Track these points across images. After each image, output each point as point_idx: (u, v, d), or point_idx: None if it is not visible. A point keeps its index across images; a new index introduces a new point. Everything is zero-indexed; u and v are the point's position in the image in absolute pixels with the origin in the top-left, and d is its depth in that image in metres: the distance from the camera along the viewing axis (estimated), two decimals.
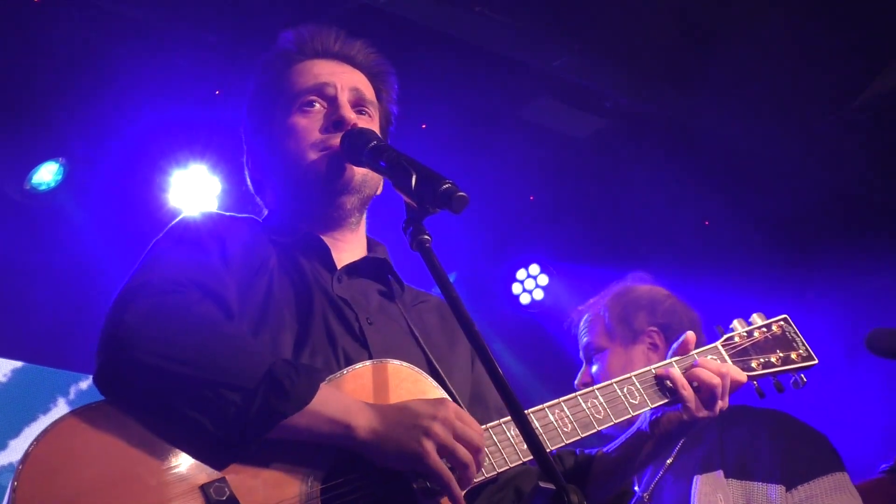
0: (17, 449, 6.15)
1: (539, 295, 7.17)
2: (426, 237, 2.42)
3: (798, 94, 6.00)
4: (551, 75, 5.87)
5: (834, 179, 6.78)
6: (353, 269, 2.84)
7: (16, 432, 6.26)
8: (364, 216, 2.95)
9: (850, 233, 6.87)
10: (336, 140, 2.80)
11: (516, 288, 7.20)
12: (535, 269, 7.18)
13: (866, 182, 6.76)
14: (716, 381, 2.89)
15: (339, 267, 2.81)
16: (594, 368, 3.99)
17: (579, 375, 4.04)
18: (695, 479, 3.72)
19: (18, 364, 6.40)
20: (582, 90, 6.06)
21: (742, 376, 3.00)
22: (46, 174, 5.47)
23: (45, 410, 6.38)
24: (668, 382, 2.91)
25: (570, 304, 6.99)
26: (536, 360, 7.15)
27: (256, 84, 3.03)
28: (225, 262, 2.63)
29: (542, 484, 2.13)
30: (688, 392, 2.88)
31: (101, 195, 5.68)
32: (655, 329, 4.02)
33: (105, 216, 5.69)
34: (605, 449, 3.03)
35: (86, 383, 6.53)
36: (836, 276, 6.78)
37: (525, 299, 7.20)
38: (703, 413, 2.90)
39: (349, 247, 2.89)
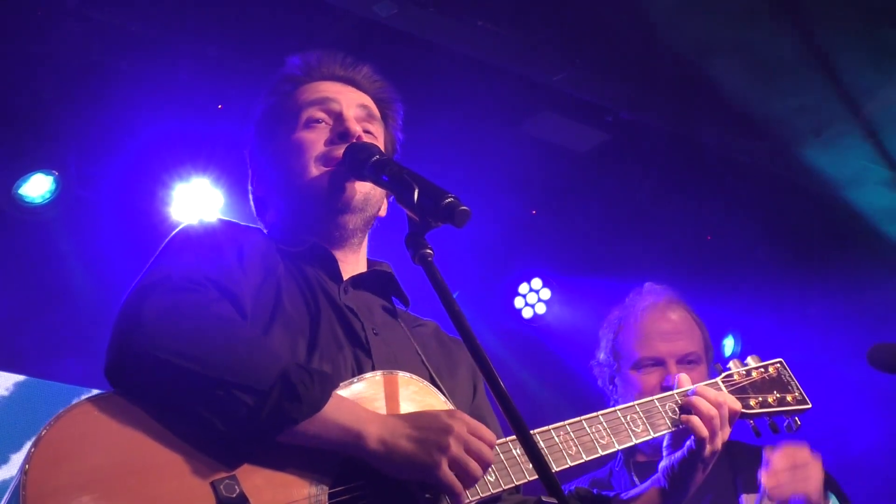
0: (19, 463, 6.13)
1: (541, 309, 7.14)
2: (428, 251, 2.43)
3: (801, 103, 6.00)
4: (552, 89, 5.87)
5: (838, 190, 6.77)
6: (359, 281, 2.86)
7: (17, 446, 6.23)
8: (366, 238, 2.96)
9: (855, 245, 6.86)
10: (340, 152, 2.81)
11: (518, 302, 7.17)
12: (537, 283, 7.15)
13: (871, 193, 6.75)
14: (713, 410, 2.94)
15: (344, 278, 2.82)
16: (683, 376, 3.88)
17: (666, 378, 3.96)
18: (742, 498, 3.82)
19: (21, 378, 6.39)
20: (583, 104, 6.07)
21: (739, 406, 3.05)
22: (38, 187, 5.44)
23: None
24: (671, 413, 2.94)
25: (572, 318, 7.02)
26: (539, 375, 7.14)
27: (263, 107, 3.05)
28: (241, 264, 2.64)
29: (544, 499, 2.14)
30: (690, 420, 2.93)
31: (103, 208, 5.68)
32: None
33: (107, 229, 5.69)
34: (621, 494, 3.06)
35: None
36: (839, 289, 6.77)
37: (527, 313, 7.17)
38: (706, 445, 2.92)
39: (350, 268, 2.90)
